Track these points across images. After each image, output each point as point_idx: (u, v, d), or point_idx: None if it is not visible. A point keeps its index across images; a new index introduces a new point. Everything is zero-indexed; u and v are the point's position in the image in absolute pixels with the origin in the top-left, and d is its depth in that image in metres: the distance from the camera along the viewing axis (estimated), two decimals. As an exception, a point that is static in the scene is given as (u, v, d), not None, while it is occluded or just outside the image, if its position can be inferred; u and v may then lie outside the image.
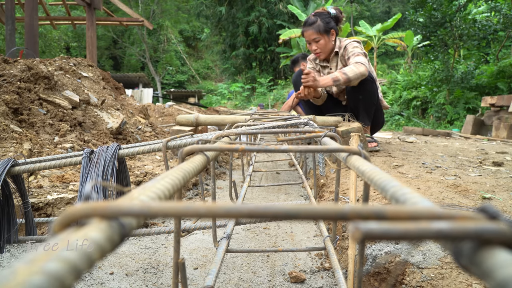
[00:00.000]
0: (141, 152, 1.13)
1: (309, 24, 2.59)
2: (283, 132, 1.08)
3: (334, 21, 2.61)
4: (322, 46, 2.59)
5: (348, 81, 2.33)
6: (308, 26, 2.59)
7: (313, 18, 2.59)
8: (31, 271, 0.17)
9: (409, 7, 9.43)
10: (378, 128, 2.82)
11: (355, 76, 2.32)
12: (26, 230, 1.23)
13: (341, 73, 2.32)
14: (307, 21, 2.62)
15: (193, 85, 24.69)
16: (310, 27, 2.58)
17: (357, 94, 2.53)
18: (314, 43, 2.60)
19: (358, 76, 2.33)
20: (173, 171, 0.39)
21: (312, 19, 2.59)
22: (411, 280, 0.85)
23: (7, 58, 2.84)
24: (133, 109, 4.16)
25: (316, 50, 2.62)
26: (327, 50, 2.62)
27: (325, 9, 2.65)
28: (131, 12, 9.71)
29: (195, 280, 1.15)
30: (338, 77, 2.32)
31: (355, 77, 2.33)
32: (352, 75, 2.31)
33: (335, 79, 2.32)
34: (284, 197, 2.18)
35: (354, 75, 2.31)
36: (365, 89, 2.49)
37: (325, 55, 2.64)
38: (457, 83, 8.54)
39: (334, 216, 0.23)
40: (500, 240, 0.21)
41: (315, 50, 2.63)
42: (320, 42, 2.58)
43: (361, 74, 2.33)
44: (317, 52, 2.62)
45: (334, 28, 2.59)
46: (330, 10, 2.62)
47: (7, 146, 2.00)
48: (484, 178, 1.70)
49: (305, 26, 2.62)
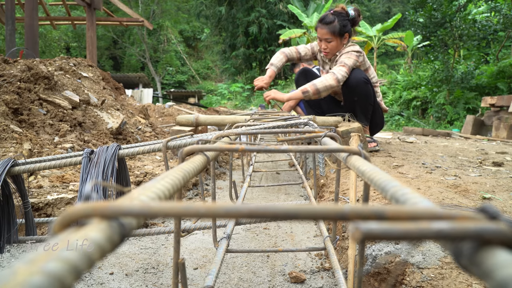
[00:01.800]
0: (141, 152, 1.13)
1: (325, 23, 2.51)
2: (283, 132, 1.08)
3: (350, 24, 2.54)
4: (332, 47, 2.56)
5: (317, 92, 2.40)
6: (324, 24, 2.51)
7: (331, 17, 2.50)
8: (31, 271, 0.17)
9: (409, 7, 9.44)
10: (377, 130, 2.81)
11: (323, 88, 2.39)
12: (26, 230, 1.23)
13: (311, 84, 2.40)
14: (324, 18, 2.53)
15: (193, 85, 24.68)
16: (326, 26, 2.50)
17: (352, 95, 2.53)
18: (325, 42, 2.55)
19: (327, 88, 2.40)
20: (173, 171, 0.39)
21: (330, 18, 2.50)
22: (411, 280, 0.85)
23: (7, 58, 2.84)
24: (133, 109, 4.16)
25: (325, 49, 2.58)
26: (335, 52, 2.59)
27: (345, 9, 2.54)
28: (131, 12, 9.72)
29: (195, 280, 1.15)
30: (308, 88, 2.40)
31: (324, 89, 2.40)
32: (321, 87, 2.39)
33: (304, 91, 2.41)
34: (284, 197, 2.18)
35: (323, 87, 2.39)
36: (360, 91, 2.50)
37: (331, 55, 2.62)
38: (457, 83, 8.54)
39: (334, 216, 0.23)
40: (500, 240, 0.21)
41: (324, 49, 2.58)
42: (331, 44, 2.54)
43: (330, 86, 2.40)
44: (326, 51, 2.59)
45: (349, 31, 2.54)
46: (350, 11, 2.53)
47: (7, 146, 2.00)
48: (484, 178, 1.70)
49: (321, 23, 2.53)
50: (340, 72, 2.42)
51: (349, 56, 2.51)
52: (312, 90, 2.39)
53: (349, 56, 2.51)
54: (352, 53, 2.52)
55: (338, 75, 2.41)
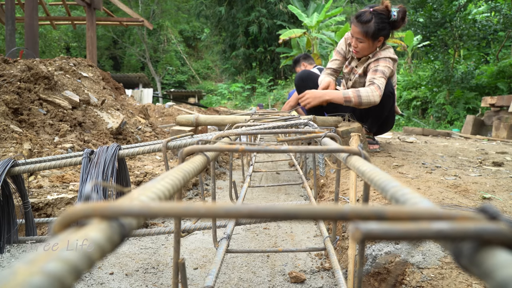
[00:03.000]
0: (141, 152, 1.13)
1: (360, 21, 2.27)
2: (283, 132, 1.08)
3: (389, 27, 2.29)
4: (363, 49, 2.37)
5: (359, 105, 2.25)
6: (358, 23, 2.28)
7: (369, 16, 2.25)
8: (31, 271, 0.17)
9: (409, 7, 9.43)
10: (386, 131, 2.76)
11: (367, 104, 2.24)
12: (26, 230, 1.23)
13: (356, 95, 2.23)
14: (360, 15, 2.29)
15: (193, 85, 24.69)
16: (360, 25, 2.27)
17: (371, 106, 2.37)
18: (356, 41, 2.36)
19: (370, 103, 2.24)
20: (173, 172, 0.39)
21: (366, 17, 2.26)
22: (411, 280, 0.85)
23: (7, 58, 2.84)
24: (133, 109, 4.16)
25: (356, 48, 2.39)
26: (365, 54, 2.41)
27: (389, 8, 2.26)
28: (131, 12, 9.72)
29: (195, 280, 1.15)
30: (351, 98, 2.24)
31: (367, 104, 2.24)
32: (365, 101, 2.23)
33: (347, 99, 2.25)
34: (284, 197, 2.18)
35: (366, 102, 2.23)
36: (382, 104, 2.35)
37: (361, 56, 2.44)
38: (457, 83, 8.55)
39: (334, 216, 0.23)
40: (500, 240, 0.21)
41: (355, 47, 2.39)
42: (362, 44, 2.34)
43: (374, 102, 2.24)
44: (356, 50, 2.40)
45: (385, 35, 2.31)
46: (393, 12, 2.26)
47: (7, 146, 2.00)
48: (484, 178, 1.70)
49: (356, 20, 2.30)
50: (380, 84, 2.25)
51: (387, 64, 2.31)
52: (354, 102, 2.24)
53: (387, 64, 2.31)
54: (389, 60, 2.33)
55: (382, 89, 2.24)
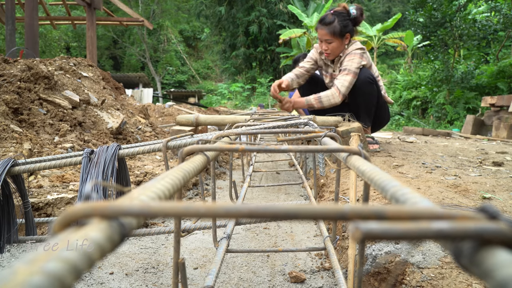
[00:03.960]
0: (141, 152, 1.13)
1: (325, 23, 2.46)
2: (283, 132, 1.08)
3: (352, 24, 2.48)
4: (333, 48, 2.50)
5: (322, 108, 2.50)
6: (323, 25, 2.47)
7: (331, 17, 2.45)
8: (31, 271, 0.17)
9: (409, 7, 9.43)
10: (383, 125, 2.81)
11: (329, 106, 2.47)
12: (26, 230, 1.23)
13: (317, 101, 2.47)
14: (324, 18, 2.48)
15: (193, 85, 24.68)
16: (326, 27, 2.46)
17: (356, 96, 2.51)
18: (325, 44, 2.51)
19: (332, 105, 2.47)
20: (173, 171, 0.39)
21: (329, 18, 2.46)
22: (411, 280, 0.85)
23: (7, 58, 2.84)
24: (133, 109, 4.16)
25: (326, 50, 2.53)
26: (337, 53, 2.54)
27: (347, 8, 2.48)
28: (131, 12, 9.72)
29: (195, 280, 1.15)
30: (313, 104, 2.48)
31: (329, 105, 2.47)
32: (327, 105, 2.47)
33: (310, 104, 2.50)
34: (284, 197, 2.18)
35: (328, 105, 2.47)
36: (363, 92, 2.48)
37: (333, 56, 2.57)
38: (457, 83, 8.55)
39: (334, 216, 0.23)
40: (500, 240, 0.21)
41: (325, 50, 2.53)
42: (332, 45, 2.48)
43: (335, 104, 2.47)
44: (327, 52, 2.54)
45: (350, 31, 2.48)
46: (351, 10, 2.47)
47: (7, 146, 2.00)
48: (484, 178, 1.70)
49: (321, 24, 2.48)
50: (345, 84, 2.43)
51: (352, 57, 2.46)
52: (317, 107, 2.48)
53: (352, 57, 2.46)
54: (354, 53, 2.47)
55: (342, 89, 2.43)
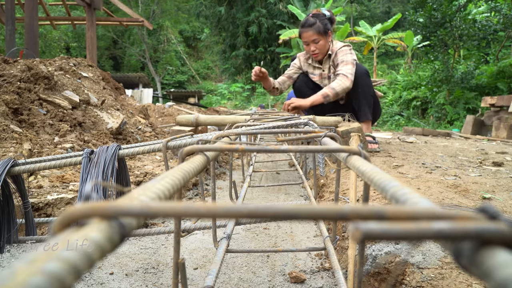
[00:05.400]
0: (141, 152, 1.13)
1: (309, 25, 2.63)
2: (283, 132, 1.08)
3: (329, 23, 2.68)
4: (321, 47, 2.66)
5: (336, 96, 2.55)
6: (308, 27, 2.63)
7: (312, 19, 2.64)
8: (31, 271, 0.17)
9: (409, 7, 9.43)
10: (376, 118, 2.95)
11: (342, 91, 2.54)
12: (26, 230, 1.23)
13: (330, 88, 2.54)
14: (306, 22, 2.66)
15: (193, 85, 24.67)
16: (311, 28, 2.62)
17: (356, 88, 2.65)
18: (313, 44, 2.66)
19: (344, 90, 2.55)
20: (173, 171, 0.39)
21: (311, 20, 2.64)
22: (411, 280, 0.85)
23: (7, 58, 2.84)
24: (133, 109, 4.16)
25: (315, 51, 2.68)
26: (324, 51, 2.70)
27: (320, 11, 2.71)
28: (131, 12, 9.72)
29: (195, 280, 1.15)
30: (328, 93, 2.54)
31: (342, 91, 2.55)
32: (340, 90, 2.53)
33: (325, 95, 2.54)
34: (284, 197, 2.18)
35: (341, 90, 2.54)
36: (363, 84, 2.64)
37: (322, 56, 2.71)
38: (457, 83, 8.55)
39: (334, 216, 0.23)
40: (500, 240, 0.21)
41: (313, 51, 2.68)
42: (319, 43, 2.64)
43: (347, 88, 2.55)
44: (315, 53, 2.68)
45: (330, 29, 2.68)
46: (325, 12, 2.70)
47: (7, 146, 2.00)
48: (484, 178, 1.69)
49: (305, 27, 2.65)
50: (348, 71, 2.57)
51: (345, 53, 2.64)
52: (332, 94, 2.53)
53: (345, 53, 2.64)
54: (345, 49, 2.66)
55: (349, 75, 2.56)
